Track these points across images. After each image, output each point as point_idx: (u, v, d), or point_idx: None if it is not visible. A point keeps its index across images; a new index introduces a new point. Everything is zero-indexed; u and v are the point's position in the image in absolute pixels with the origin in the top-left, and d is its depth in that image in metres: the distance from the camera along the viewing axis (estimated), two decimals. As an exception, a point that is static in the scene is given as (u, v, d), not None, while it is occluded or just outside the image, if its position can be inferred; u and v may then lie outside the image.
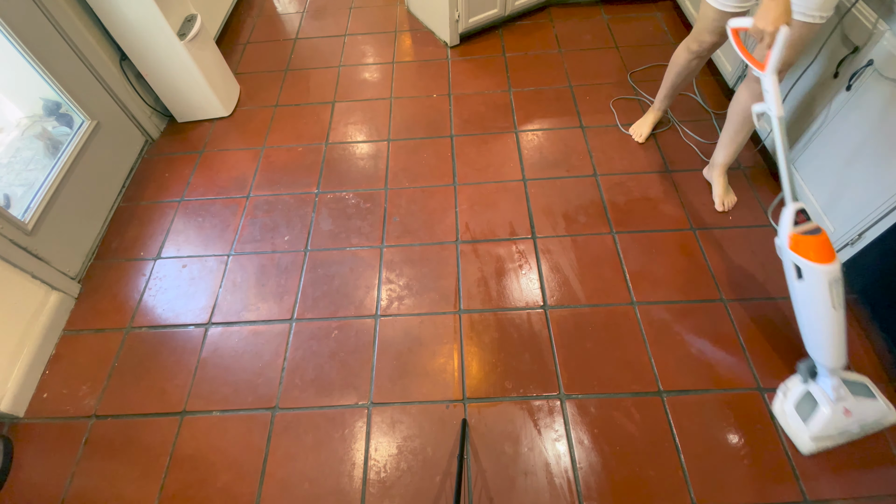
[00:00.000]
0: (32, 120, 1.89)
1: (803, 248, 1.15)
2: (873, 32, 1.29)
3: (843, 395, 1.23)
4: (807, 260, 1.15)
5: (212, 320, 1.61)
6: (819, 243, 1.14)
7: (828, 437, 1.24)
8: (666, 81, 1.83)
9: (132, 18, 1.83)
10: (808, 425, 1.25)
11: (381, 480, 1.28)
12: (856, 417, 1.23)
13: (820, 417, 1.23)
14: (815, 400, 1.25)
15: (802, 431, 1.26)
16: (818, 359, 1.24)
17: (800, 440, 1.27)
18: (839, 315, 1.16)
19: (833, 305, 1.15)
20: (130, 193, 2.00)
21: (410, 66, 2.47)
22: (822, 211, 1.53)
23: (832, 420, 1.22)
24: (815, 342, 1.23)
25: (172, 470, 1.33)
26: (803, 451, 1.27)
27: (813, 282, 1.16)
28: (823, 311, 1.17)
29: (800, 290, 1.21)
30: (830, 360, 1.21)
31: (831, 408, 1.22)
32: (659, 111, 1.97)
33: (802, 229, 1.17)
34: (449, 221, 1.81)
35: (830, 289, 1.14)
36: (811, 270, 1.15)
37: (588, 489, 1.24)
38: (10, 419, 1.43)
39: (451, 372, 1.45)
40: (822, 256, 1.14)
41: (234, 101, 2.33)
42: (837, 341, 1.19)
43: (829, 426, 1.23)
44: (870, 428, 1.26)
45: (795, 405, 1.29)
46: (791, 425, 1.29)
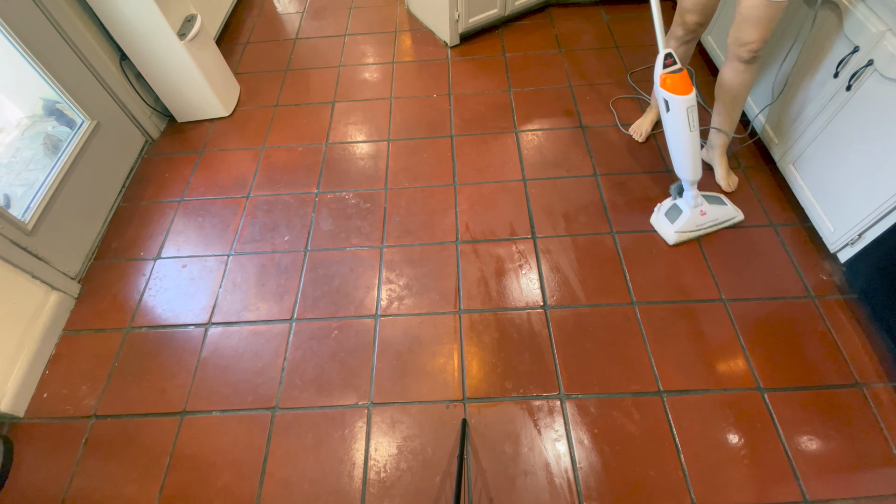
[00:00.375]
0: (32, 120, 1.89)
1: (669, 84, 1.45)
2: (873, 32, 1.29)
3: (700, 203, 1.64)
4: (670, 93, 1.44)
5: (212, 320, 1.61)
6: (680, 79, 1.43)
7: (688, 231, 1.65)
8: None
9: (132, 18, 1.83)
10: (673, 224, 1.66)
11: (381, 480, 1.28)
12: (710, 217, 1.65)
13: (682, 217, 1.64)
14: (680, 208, 1.66)
15: (669, 228, 1.66)
16: (681, 175, 1.61)
17: (667, 235, 1.67)
18: (695, 135, 1.49)
19: (689, 128, 1.47)
20: (130, 193, 2.01)
21: (410, 66, 2.47)
22: (823, 211, 1.53)
23: (691, 218, 1.63)
24: (679, 162, 1.59)
25: (172, 470, 1.33)
26: (669, 242, 1.67)
27: (675, 111, 1.46)
28: (683, 133, 1.49)
29: (667, 120, 1.51)
30: (689, 174, 1.58)
31: (690, 210, 1.63)
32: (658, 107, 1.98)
33: (669, 70, 1.44)
34: (449, 221, 1.81)
35: (688, 114, 1.45)
36: (673, 101, 1.45)
37: (588, 489, 1.24)
38: (10, 419, 1.43)
39: (451, 372, 1.45)
40: (682, 90, 1.43)
41: (234, 101, 2.33)
42: (694, 158, 1.54)
43: (689, 223, 1.64)
44: (721, 224, 1.69)
45: (665, 213, 1.70)
46: (661, 227, 1.69)
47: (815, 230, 1.63)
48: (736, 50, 1.48)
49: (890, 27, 1.25)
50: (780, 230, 1.69)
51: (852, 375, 1.37)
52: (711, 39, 2.17)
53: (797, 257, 1.62)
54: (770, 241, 1.66)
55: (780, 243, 1.66)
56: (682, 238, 1.64)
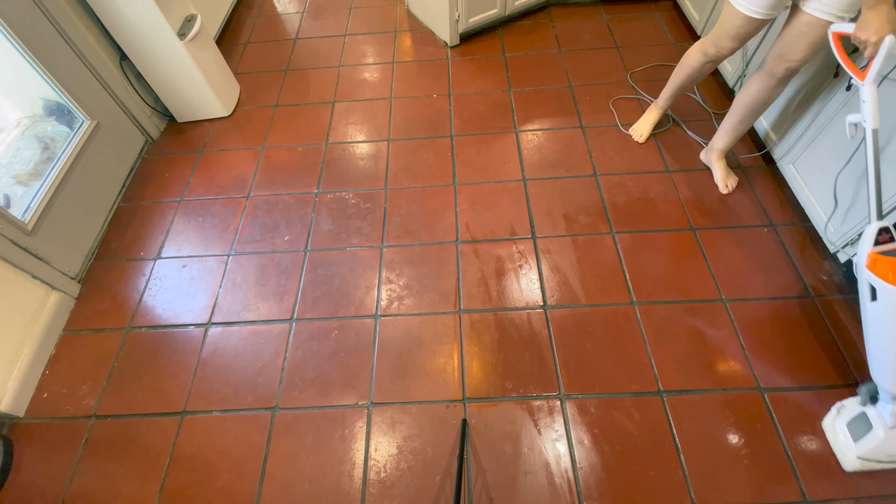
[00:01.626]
0: (32, 120, 1.89)
1: (882, 268, 1.10)
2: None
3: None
4: (884, 281, 1.09)
5: (212, 320, 1.61)
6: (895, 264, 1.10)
7: (875, 459, 1.22)
8: (673, 82, 1.82)
9: (132, 18, 1.83)
10: (857, 444, 1.23)
11: (381, 480, 1.28)
12: None
13: (871, 438, 1.20)
14: (869, 422, 1.21)
15: (850, 449, 1.24)
16: (881, 383, 1.19)
17: (845, 457, 1.25)
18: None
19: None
20: (130, 193, 2.01)
21: (410, 66, 2.47)
22: (823, 211, 1.53)
23: (884, 443, 1.19)
24: (880, 366, 1.18)
25: (172, 470, 1.33)
26: (846, 468, 1.25)
27: (886, 303, 1.11)
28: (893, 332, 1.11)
29: (871, 311, 1.15)
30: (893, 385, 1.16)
31: (885, 430, 1.18)
32: (660, 110, 1.97)
33: (883, 249, 1.12)
34: (449, 221, 1.81)
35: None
36: (884, 292, 1.10)
37: (588, 489, 1.24)
38: (10, 419, 1.43)
39: (451, 372, 1.45)
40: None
41: (234, 101, 2.33)
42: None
43: (879, 449, 1.20)
44: None
45: (848, 423, 1.27)
46: (839, 441, 1.27)
47: (815, 230, 1.63)
48: (774, 65, 1.43)
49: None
50: (780, 230, 1.69)
51: (852, 375, 1.37)
52: None
53: (797, 257, 1.62)
54: (770, 241, 1.66)
55: (780, 243, 1.65)
56: (866, 467, 1.23)
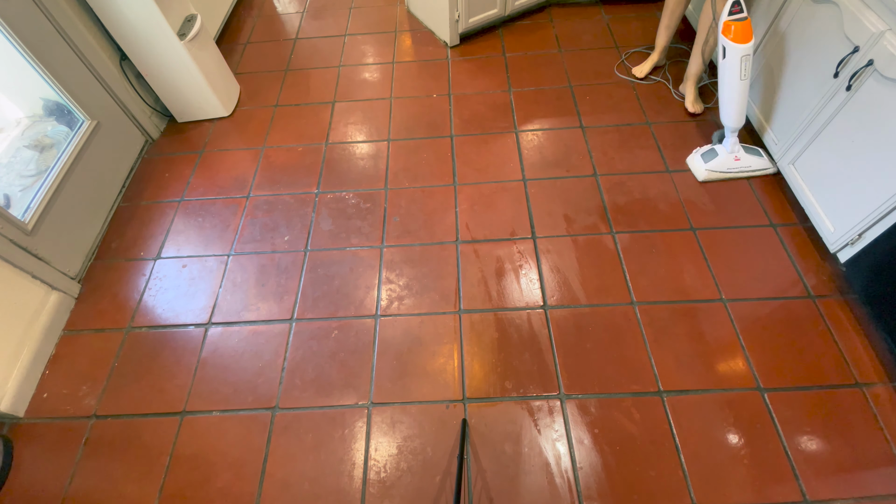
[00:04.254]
0: (32, 120, 1.89)
1: (731, 31, 1.53)
2: (873, 32, 1.29)
3: (736, 149, 1.77)
4: (729, 40, 1.54)
5: (212, 320, 1.61)
6: (742, 28, 1.51)
7: (718, 171, 1.79)
8: (665, 9, 2.05)
9: (132, 18, 1.83)
10: (706, 163, 1.80)
11: (381, 480, 1.28)
12: (743, 163, 1.78)
13: (716, 159, 1.79)
14: (716, 151, 1.80)
15: (701, 166, 1.82)
16: (725, 122, 1.73)
17: (698, 172, 1.83)
18: (744, 85, 1.59)
19: (741, 77, 1.56)
20: (130, 193, 2.00)
21: (410, 66, 2.47)
22: (823, 211, 1.53)
23: (724, 160, 1.78)
24: (724, 107, 1.70)
25: (172, 470, 1.33)
26: (698, 178, 1.83)
27: (731, 58, 1.56)
28: (734, 80, 1.59)
29: (722, 67, 1.61)
30: (732, 121, 1.70)
31: (726, 154, 1.77)
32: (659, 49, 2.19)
33: (735, 17, 1.51)
34: (449, 221, 1.81)
35: (741, 63, 1.54)
36: (731, 49, 1.54)
37: (588, 489, 1.24)
38: (10, 419, 1.43)
39: (451, 372, 1.45)
40: (740, 38, 1.51)
41: (234, 101, 2.33)
42: (739, 106, 1.65)
43: (721, 164, 1.78)
44: (753, 172, 1.80)
45: (702, 154, 1.84)
46: (695, 165, 1.85)
47: (815, 230, 1.63)
48: None
49: (890, 27, 1.25)
50: (780, 230, 1.69)
51: (852, 375, 1.37)
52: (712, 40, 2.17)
53: (797, 257, 1.62)
54: (770, 241, 1.66)
55: (780, 243, 1.65)
56: (712, 177, 1.79)
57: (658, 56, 2.22)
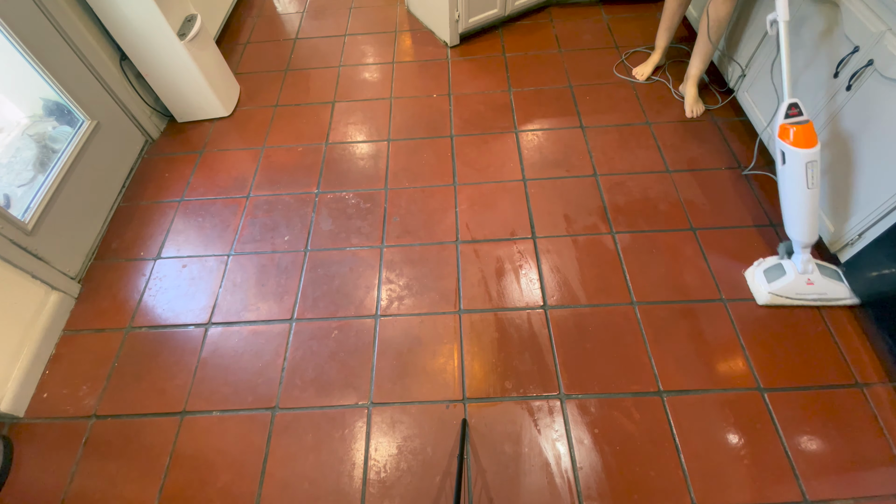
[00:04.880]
0: (32, 120, 1.89)
1: (787, 135, 1.35)
2: (873, 32, 1.29)
3: (809, 269, 1.48)
4: (789, 144, 1.35)
5: (212, 320, 1.61)
6: (801, 131, 1.33)
7: (785, 296, 1.49)
8: (666, 11, 2.06)
9: (132, 18, 1.83)
10: (769, 284, 1.50)
11: (381, 480, 1.28)
12: (816, 289, 1.48)
13: (783, 279, 1.49)
14: (783, 270, 1.50)
15: (764, 287, 1.51)
16: (793, 236, 1.47)
17: (759, 293, 1.53)
18: (812, 194, 1.37)
19: (808, 185, 1.36)
20: (130, 193, 2.01)
21: (410, 66, 2.47)
22: (823, 211, 1.53)
23: (793, 284, 1.47)
24: (791, 220, 1.45)
25: (172, 470, 1.33)
26: (759, 301, 1.52)
27: (793, 165, 1.36)
28: (800, 190, 1.38)
29: (782, 174, 1.41)
30: (803, 236, 1.45)
31: (796, 275, 1.47)
32: (660, 50, 2.19)
33: (793, 121, 1.35)
34: (449, 221, 1.81)
35: (807, 170, 1.34)
36: (792, 154, 1.35)
37: (588, 489, 1.24)
38: (10, 419, 1.43)
39: (451, 372, 1.45)
40: (803, 142, 1.33)
41: (234, 101, 2.33)
42: (810, 218, 1.41)
43: (789, 288, 1.48)
44: (827, 301, 1.49)
45: (766, 270, 1.54)
46: (756, 284, 1.55)
47: (815, 230, 1.62)
48: None
49: (890, 27, 1.25)
50: (780, 230, 1.69)
51: (852, 375, 1.37)
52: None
53: (797, 257, 1.62)
54: (770, 242, 1.66)
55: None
56: (777, 302, 1.49)
57: (658, 57, 2.23)
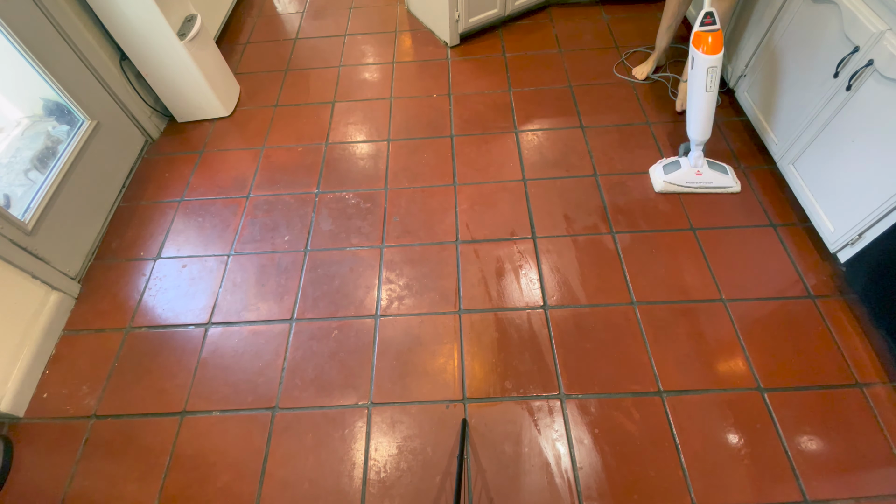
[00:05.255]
0: (32, 120, 1.89)
1: (698, 41, 1.50)
2: (873, 32, 1.29)
3: (699, 164, 1.72)
4: (697, 50, 1.50)
5: (212, 320, 1.61)
6: (711, 39, 1.47)
7: (676, 184, 1.75)
8: (666, 12, 2.05)
9: (132, 18, 1.83)
10: (665, 175, 1.75)
11: (381, 480, 1.28)
12: (704, 178, 1.73)
13: (677, 171, 1.74)
14: (679, 164, 1.76)
15: (660, 177, 1.77)
16: (690, 134, 1.68)
17: (656, 183, 1.79)
18: (709, 97, 1.54)
19: (706, 88, 1.52)
20: (130, 193, 2.00)
21: (410, 66, 2.47)
22: (823, 211, 1.53)
23: (685, 174, 1.73)
24: (690, 119, 1.64)
25: (172, 470, 1.33)
26: (656, 188, 1.79)
27: (698, 68, 1.52)
28: (700, 92, 1.54)
29: (690, 77, 1.57)
30: (697, 134, 1.65)
31: (688, 167, 1.72)
32: (660, 50, 2.18)
33: (706, 28, 1.48)
34: (449, 221, 1.81)
35: (707, 74, 1.50)
36: (698, 59, 1.50)
37: (588, 489, 1.24)
38: (10, 419, 1.43)
39: (451, 372, 1.45)
40: (710, 49, 1.48)
41: (234, 101, 2.33)
42: (705, 118, 1.60)
43: (680, 177, 1.74)
44: (713, 189, 1.75)
45: (664, 166, 1.79)
46: (655, 175, 1.80)
47: (815, 230, 1.63)
48: None
49: (890, 27, 1.26)
50: (780, 230, 1.69)
51: (852, 375, 1.37)
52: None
53: (797, 257, 1.62)
54: (770, 241, 1.66)
55: (780, 243, 1.66)
56: (669, 189, 1.76)
57: (658, 56, 2.22)
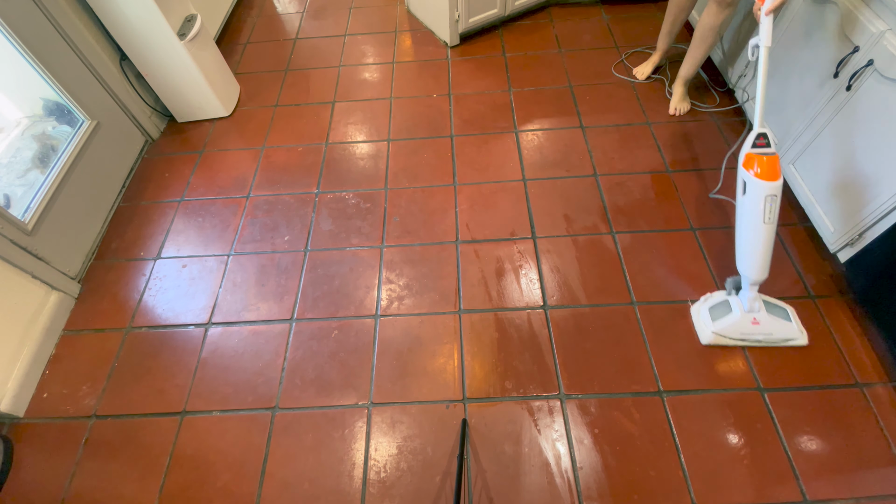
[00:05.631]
0: (32, 120, 1.89)
1: (751, 165, 1.28)
2: (873, 32, 1.29)
3: (755, 308, 1.40)
4: (751, 175, 1.28)
5: (212, 320, 1.61)
6: (766, 163, 1.26)
7: (729, 336, 1.42)
8: (668, 16, 2.06)
9: (132, 18, 1.83)
10: (714, 322, 1.43)
11: (381, 480, 1.28)
12: (762, 328, 1.40)
13: (728, 318, 1.41)
14: (730, 307, 1.43)
15: (708, 326, 1.44)
16: (743, 271, 1.39)
17: (702, 332, 1.46)
18: (768, 230, 1.29)
19: (764, 220, 1.29)
20: (130, 193, 2.00)
21: (410, 66, 2.47)
22: (823, 211, 1.53)
23: (738, 323, 1.40)
24: (742, 254, 1.38)
25: (172, 470, 1.33)
26: (702, 341, 1.45)
27: (752, 196, 1.29)
28: (755, 223, 1.30)
29: (741, 204, 1.34)
30: (753, 272, 1.36)
31: (741, 314, 1.40)
32: (660, 52, 2.20)
33: (759, 151, 1.28)
34: (449, 221, 1.81)
35: (765, 203, 1.27)
36: (752, 184, 1.28)
37: (588, 489, 1.24)
38: (10, 419, 1.43)
39: (451, 372, 1.45)
40: (766, 174, 1.26)
41: (234, 101, 2.33)
42: (762, 255, 1.33)
43: (733, 328, 1.41)
44: (775, 342, 1.42)
45: (710, 308, 1.47)
46: (700, 321, 1.48)
47: (815, 230, 1.63)
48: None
49: (890, 27, 1.25)
50: (780, 230, 1.69)
51: (852, 375, 1.37)
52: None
53: (797, 257, 1.62)
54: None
55: (780, 243, 1.65)
56: (720, 342, 1.43)
57: (659, 57, 2.23)
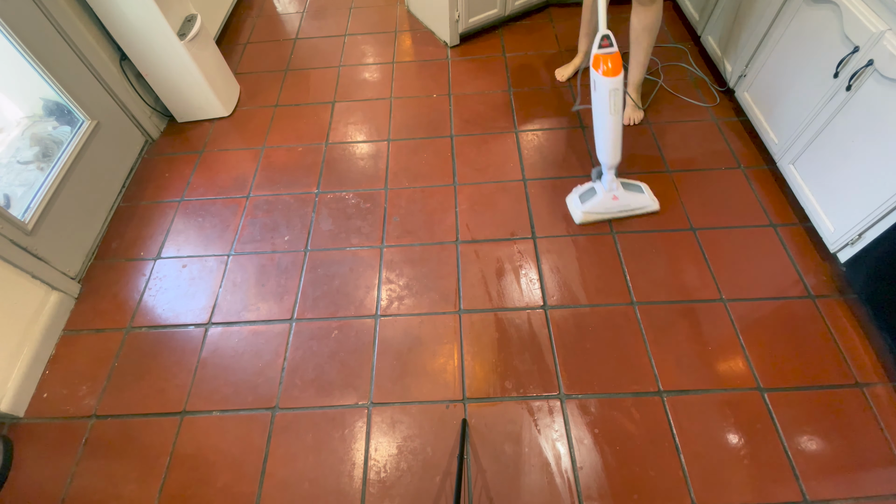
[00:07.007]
0: (32, 120, 1.89)
1: (598, 64, 1.46)
2: (873, 32, 1.29)
3: (614, 188, 1.68)
4: (599, 73, 1.46)
5: (212, 320, 1.61)
6: (609, 60, 1.44)
7: (595, 212, 1.70)
8: (583, 17, 2.09)
9: (132, 18, 1.83)
10: (583, 204, 1.71)
11: (381, 480, 1.28)
12: (621, 203, 1.69)
13: (594, 199, 1.70)
14: (595, 191, 1.71)
15: (578, 208, 1.72)
16: (601, 159, 1.64)
17: (575, 214, 1.73)
18: (615, 120, 1.50)
19: (610, 111, 1.47)
20: (130, 193, 2.00)
21: (410, 66, 2.47)
22: (823, 211, 1.53)
23: (602, 201, 1.69)
24: (599, 144, 1.62)
25: (172, 470, 1.33)
26: (576, 220, 1.73)
27: (600, 91, 1.48)
28: (605, 116, 1.50)
29: (594, 100, 1.53)
30: (608, 158, 1.61)
31: (603, 193, 1.69)
32: (582, 54, 2.20)
33: (603, 51, 1.45)
34: (449, 221, 1.81)
35: (610, 97, 1.45)
36: (599, 81, 1.46)
37: (588, 489, 1.24)
38: (10, 419, 1.43)
39: (451, 372, 1.45)
40: (609, 71, 1.44)
41: (234, 101, 2.33)
42: (613, 142, 1.56)
43: (599, 205, 1.69)
44: (633, 211, 1.72)
45: (580, 195, 1.75)
46: (572, 206, 1.76)
47: (815, 230, 1.63)
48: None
49: (890, 27, 1.26)
50: (780, 230, 1.69)
51: (852, 375, 1.37)
52: (712, 40, 2.17)
53: (797, 257, 1.62)
54: (770, 241, 1.66)
55: (780, 243, 1.66)
56: (589, 219, 1.71)
57: (581, 60, 2.22)
